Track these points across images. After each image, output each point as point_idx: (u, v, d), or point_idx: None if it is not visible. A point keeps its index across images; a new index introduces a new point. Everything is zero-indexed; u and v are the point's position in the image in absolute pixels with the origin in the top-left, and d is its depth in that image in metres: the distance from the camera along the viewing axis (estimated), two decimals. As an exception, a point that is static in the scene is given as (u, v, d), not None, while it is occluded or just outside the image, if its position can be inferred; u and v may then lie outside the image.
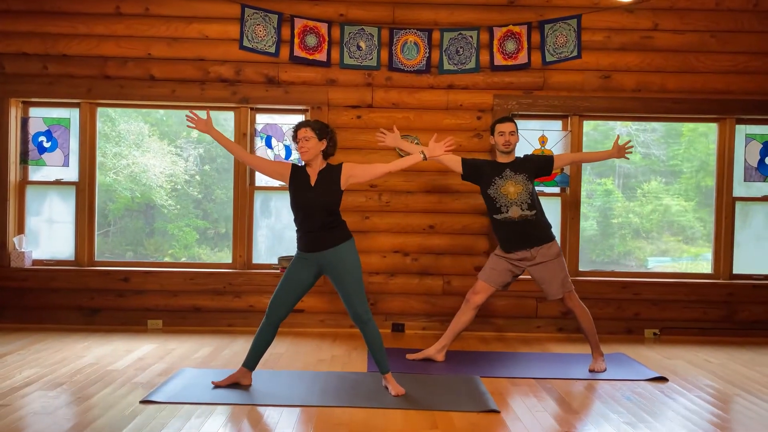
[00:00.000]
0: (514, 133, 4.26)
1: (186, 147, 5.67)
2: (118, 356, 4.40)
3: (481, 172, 4.32)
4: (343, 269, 3.59)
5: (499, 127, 4.29)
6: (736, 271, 5.53)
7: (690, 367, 4.42)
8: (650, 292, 5.41)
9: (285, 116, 5.53)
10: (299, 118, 5.51)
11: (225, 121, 5.67)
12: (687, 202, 6.01)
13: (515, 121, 4.34)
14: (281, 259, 5.41)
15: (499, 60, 5.36)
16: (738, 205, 5.53)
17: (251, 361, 3.77)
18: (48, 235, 5.51)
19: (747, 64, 5.40)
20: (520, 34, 5.35)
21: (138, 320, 5.35)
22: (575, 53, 5.36)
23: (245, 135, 5.42)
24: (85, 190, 5.40)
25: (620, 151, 4.39)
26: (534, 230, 4.25)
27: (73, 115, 5.42)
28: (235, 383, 3.75)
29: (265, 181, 5.46)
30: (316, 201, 3.61)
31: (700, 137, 5.93)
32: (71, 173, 5.45)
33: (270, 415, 3.30)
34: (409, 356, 4.48)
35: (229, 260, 5.52)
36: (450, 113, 5.40)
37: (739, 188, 5.54)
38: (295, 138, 3.69)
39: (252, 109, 5.44)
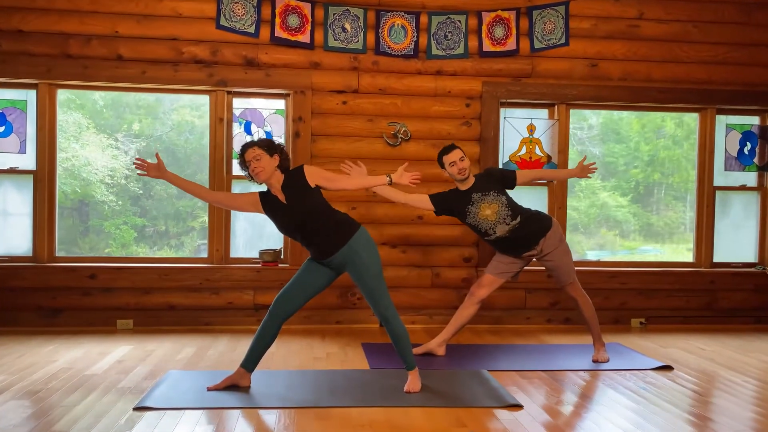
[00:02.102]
0: (464, 158, 4.02)
1: (124, 141, 5.28)
2: (93, 359, 4.01)
3: (451, 206, 4.12)
4: (361, 265, 3.35)
5: (447, 159, 4.02)
6: (716, 259, 5.60)
7: (688, 355, 4.41)
8: (636, 281, 5.41)
9: (265, 101, 5.22)
10: (280, 103, 5.21)
11: (201, 105, 5.33)
12: (623, 197, 6.09)
13: (458, 146, 4.05)
14: (262, 252, 5.10)
15: (487, 46, 5.22)
16: (718, 195, 5.60)
17: (250, 362, 3.48)
18: (1, 229, 5.01)
19: (727, 55, 5.46)
20: (508, 19, 5.23)
21: (106, 320, 4.93)
22: (563, 40, 5.28)
23: (222, 120, 5.08)
24: (44, 179, 4.93)
25: (583, 170, 4.26)
26: (530, 229, 4.10)
27: (30, 96, 4.94)
28: (232, 386, 3.46)
29: (243, 170, 5.13)
30: (298, 215, 3.32)
31: (650, 133, 6.02)
32: (28, 161, 4.96)
33: (282, 418, 3.03)
34: (410, 351, 4.28)
35: (182, 256, 5.19)
36: (438, 100, 5.22)
37: (719, 178, 5.61)
38: (243, 163, 3.36)
39: (229, 92, 5.10)
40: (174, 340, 4.59)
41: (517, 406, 3.24)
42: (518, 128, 5.35)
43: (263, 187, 3.49)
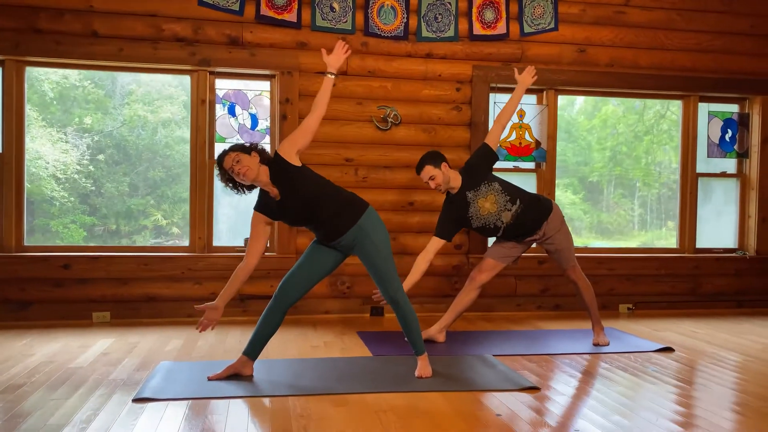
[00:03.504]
0: (434, 176, 3.87)
1: (74, 135, 4.98)
2: (74, 353, 3.73)
3: (457, 222, 4.00)
4: (371, 245, 3.20)
5: (420, 178, 3.93)
6: (699, 245, 5.67)
7: (684, 338, 4.42)
8: (624, 267, 5.42)
9: (248, 82, 5.00)
10: (265, 84, 5.00)
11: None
12: (575, 195, 6.14)
13: (430, 160, 3.89)
14: (247, 240, 4.88)
15: (477, 29, 5.14)
16: (700, 181, 5.67)
17: (254, 349, 3.29)
18: (-37, 216, 4.64)
19: (710, 43, 5.53)
20: (498, 2, 5.15)
21: (80, 313, 4.63)
22: (552, 25, 5.25)
23: (204, 102, 4.84)
24: (11, 162, 4.59)
25: (526, 75, 4.11)
26: (532, 213, 4.03)
27: (-5, 74, 4.60)
28: (234, 374, 3.26)
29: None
30: (300, 205, 3.16)
31: (607, 130, 6.09)
32: (-7, 143, 4.62)
33: (298, 405, 2.85)
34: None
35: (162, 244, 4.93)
36: (428, 83, 5.10)
37: (701, 164, 5.68)
38: (224, 174, 3.15)
39: (212, 73, 4.87)
40: (157, 332, 4.33)
41: (534, 389, 3.15)
42: (508, 113, 5.27)
43: (253, 201, 3.28)
